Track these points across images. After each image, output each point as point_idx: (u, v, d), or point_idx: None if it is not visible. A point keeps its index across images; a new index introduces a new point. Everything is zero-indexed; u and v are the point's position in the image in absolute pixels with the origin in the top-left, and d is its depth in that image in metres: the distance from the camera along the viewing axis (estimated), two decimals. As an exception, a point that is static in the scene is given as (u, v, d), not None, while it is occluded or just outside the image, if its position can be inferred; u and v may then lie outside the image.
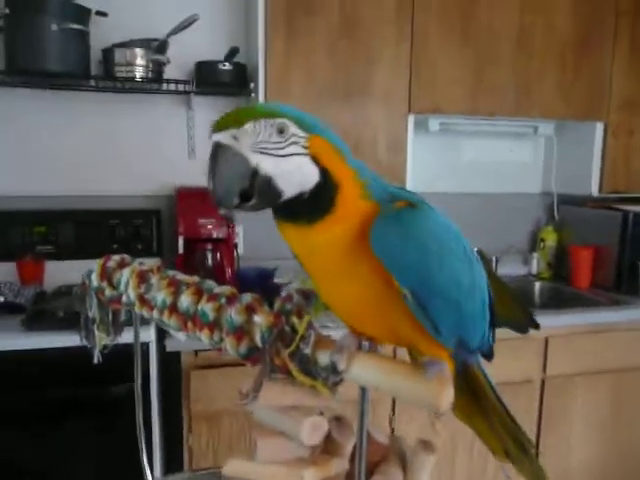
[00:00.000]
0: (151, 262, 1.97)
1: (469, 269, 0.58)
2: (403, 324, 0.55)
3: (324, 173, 0.55)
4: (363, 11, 1.90)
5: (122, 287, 0.76)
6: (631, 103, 2.20)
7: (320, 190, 0.55)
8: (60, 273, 1.91)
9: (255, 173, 0.53)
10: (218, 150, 0.53)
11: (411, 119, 1.99)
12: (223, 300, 0.64)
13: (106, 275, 0.82)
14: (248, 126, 0.54)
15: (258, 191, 0.53)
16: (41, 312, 1.57)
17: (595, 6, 2.12)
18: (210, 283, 0.69)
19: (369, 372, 0.52)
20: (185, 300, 0.67)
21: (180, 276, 0.72)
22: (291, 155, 0.54)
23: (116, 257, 0.83)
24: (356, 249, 0.55)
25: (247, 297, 0.63)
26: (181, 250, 1.94)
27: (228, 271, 2.01)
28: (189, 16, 1.81)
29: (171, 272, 0.74)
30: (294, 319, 0.57)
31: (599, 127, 2.21)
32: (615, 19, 2.15)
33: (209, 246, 1.98)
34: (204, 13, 1.95)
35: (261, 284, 2.02)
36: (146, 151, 2.07)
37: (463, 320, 0.57)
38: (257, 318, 0.59)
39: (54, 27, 1.70)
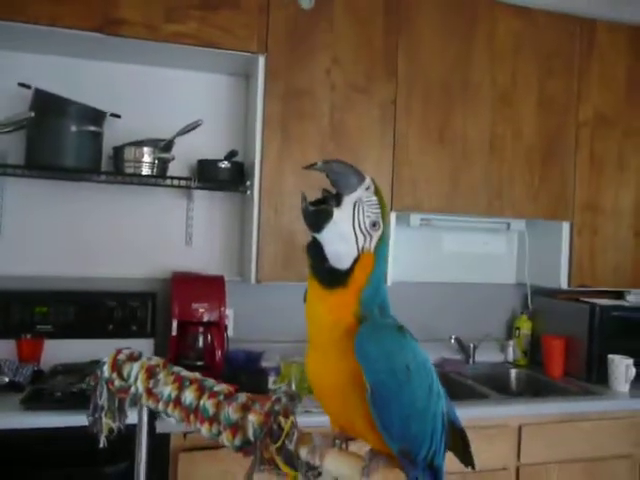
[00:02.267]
0: (144, 343, 2.08)
1: (427, 398, 0.69)
2: (360, 415, 0.67)
3: (352, 268, 0.67)
4: (350, 118, 2.13)
5: (132, 380, 0.88)
6: (593, 206, 2.41)
7: (344, 272, 0.67)
8: (57, 351, 2.00)
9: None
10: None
11: (393, 216, 2.18)
12: (222, 397, 0.75)
13: (116, 367, 0.94)
14: (359, 195, 0.66)
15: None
16: (39, 392, 1.65)
17: (558, 118, 2.37)
18: (210, 381, 0.80)
19: (339, 467, 0.64)
20: (189, 396, 0.78)
21: (184, 373, 0.83)
22: (356, 242, 0.66)
23: (126, 351, 0.95)
24: (343, 334, 0.66)
25: (242, 397, 0.75)
26: (174, 332, 2.04)
27: (218, 353, 2.10)
28: (194, 121, 2.02)
29: (176, 368, 0.86)
30: (281, 419, 0.69)
31: (565, 226, 2.40)
32: (576, 130, 2.40)
33: (201, 329, 2.09)
34: (207, 116, 2.17)
35: (248, 367, 2.11)
36: (146, 237, 2.22)
37: (408, 433, 0.67)
38: (251, 417, 0.70)
39: (73, 128, 1.90)
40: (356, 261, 0.66)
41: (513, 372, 2.54)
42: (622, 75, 2.44)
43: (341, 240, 0.65)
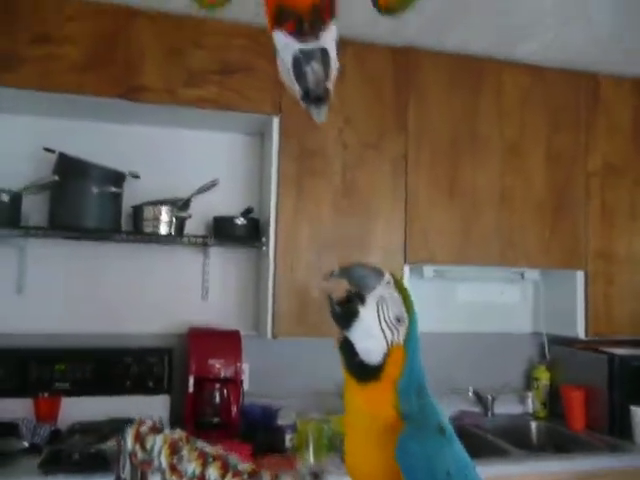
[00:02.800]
0: (161, 400, 2.08)
1: None
2: None
3: (384, 362, 0.69)
4: (362, 175, 2.18)
5: (155, 454, 0.89)
6: (607, 254, 2.42)
7: (376, 366, 0.69)
8: (75, 409, 2.01)
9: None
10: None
11: (407, 268, 2.20)
12: (245, 477, 0.76)
13: (139, 438, 0.95)
14: (380, 292, 0.69)
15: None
16: (57, 454, 1.66)
17: (567, 169, 2.41)
18: (234, 458, 0.81)
19: None
20: (213, 473, 0.79)
21: (207, 448, 0.84)
22: (384, 337, 0.68)
23: (149, 422, 0.96)
24: (382, 428, 0.67)
25: (266, 476, 0.76)
26: (191, 389, 2.05)
27: (234, 409, 2.10)
28: (211, 180, 2.08)
29: (199, 443, 0.87)
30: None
31: (580, 275, 2.40)
32: (586, 180, 2.43)
33: (217, 385, 2.09)
34: (223, 174, 2.25)
35: (265, 423, 2.10)
36: (164, 293, 2.25)
37: None
38: (275, 497, 0.71)
39: (94, 190, 1.96)
40: (387, 355, 0.68)
41: (533, 425, 2.49)
42: (628, 125, 2.49)
43: (369, 336, 0.68)
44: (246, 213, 2.15)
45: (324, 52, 0.64)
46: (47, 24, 1.93)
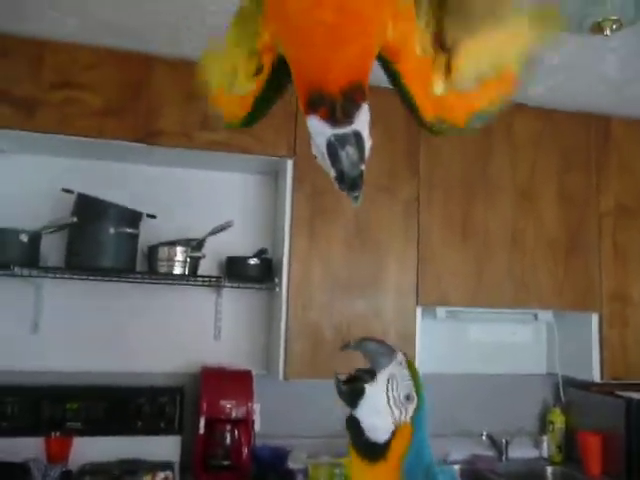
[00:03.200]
0: (172, 440, 2.07)
1: None
2: None
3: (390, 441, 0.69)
4: (374, 216, 2.20)
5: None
6: (622, 296, 2.40)
7: (383, 444, 0.68)
8: (86, 450, 2.00)
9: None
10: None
11: (419, 310, 2.19)
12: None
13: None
14: (392, 371, 0.70)
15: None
16: (68, 498, 1.65)
17: (579, 210, 2.41)
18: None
19: None
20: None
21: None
22: (392, 415, 0.68)
23: (161, 474, 0.96)
24: None
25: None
26: (202, 430, 2.04)
27: (245, 450, 2.08)
28: (226, 222, 2.11)
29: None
30: None
31: (594, 317, 2.38)
32: (598, 220, 2.43)
33: (228, 426, 2.09)
34: (237, 214, 2.28)
35: (275, 465, 2.08)
36: (176, 332, 2.26)
37: None
38: None
39: (112, 231, 2.00)
40: (394, 433, 0.68)
41: (549, 470, 2.44)
42: (639, 165, 2.50)
43: (377, 414, 0.68)
44: (259, 254, 2.17)
45: (358, 136, 0.65)
46: (68, 71, 2.00)
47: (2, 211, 2.10)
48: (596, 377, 2.37)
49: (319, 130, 0.65)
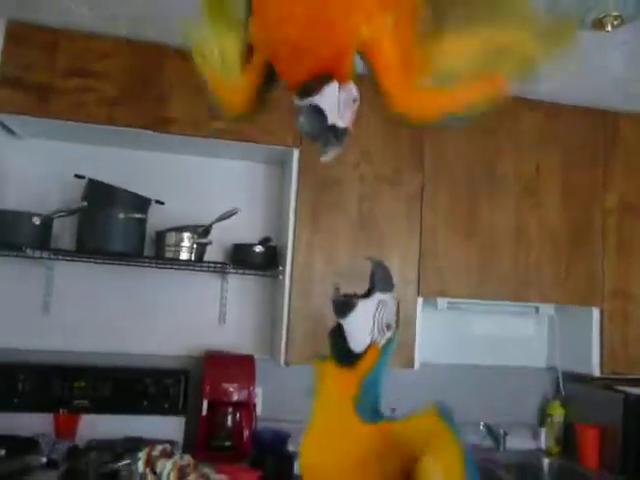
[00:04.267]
0: (176, 421, 2.13)
1: None
2: None
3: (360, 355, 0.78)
4: (378, 209, 2.23)
5: (163, 477, 0.94)
6: (623, 292, 2.41)
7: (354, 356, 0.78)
8: (92, 427, 2.07)
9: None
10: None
11: (420, 301, 2.23)
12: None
13: (150, 462, 1.00)
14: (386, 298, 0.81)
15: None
16: (73, 471, 1.72)
17: (584, 206, 2.43)
18: (236, 486, 0.86)
19: None
20: (215, 500, 0.84)
21: (213, 475, 0.90)
22: (371, 333, 0.78)
23: (159, 447, 1.02)
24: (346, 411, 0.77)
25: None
26: (204, 412, 2.10)
27: (246, 432, 2.14)
28: (231, 209, 2.15)
29: (206, 469, 0.92)
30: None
31: (595, 312, 2.40)
32: (602, 217, 2.44)
33: (230, 409, 2.14)
34: (243, 202, 2.32)
35: (275, 449, 2.13)
36: (182, 316, 2.33)
37: None
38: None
39: (121, 216, 2.06)
40: (367, 348, 0.78)
41: (546, 461, 2.47)
42: (646, 163, 2.50)
43: (360, 327, 0.77)
44: (264, 242, 2.22)
45: (314, 108, 0.76)
46: (82, 59, 2.05)
47: (16, 194, 2.18)
48: (596, 371, 2.39)
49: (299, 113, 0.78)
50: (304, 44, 0.76)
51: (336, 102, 0.78)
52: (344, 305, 0.77)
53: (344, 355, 0.78)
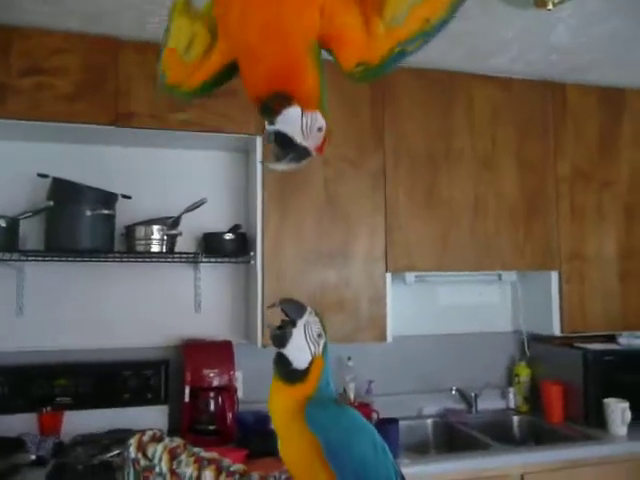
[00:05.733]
0: (159, 410, 2.16)
1: (374, 450, 0.87)
2: None
3: (308, 369, 0.88)
4: (343, 189, 2.29)
5: (156, 460, 0.99)
6: (578, 255, 2.55)
7: (302, 372, 0.88)
8: (76, 423, 2.10)
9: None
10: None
11: (389, 276, 2.31)
12: (237, 477, 0.87)
13: (141, 447, 1.05)
14: (307, 318, 0.90)
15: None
16: (62, 466, 1.75)
17: (537, 176, 2.54)
18: (226, 461, 0.92)
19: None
20: (208, 475, 0.90)
21: (203, 453, 0.95)
22: (309, 350, 0.88)
23: (150, 432, 1.07)
24: (299, 417, 0.85)
25: (255, 476, 0.87)
26: (187, 399, 2.15)
27: (229, 416, 2.20)
28: (199, 199, 2.19)
29: (195, 449, 0.98)
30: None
31: (554, 275, 2.53)
32: (555, 185, 2.56)
33: (212, 394, 2.20)
34: (211, 191, 2.35)
35: (258, 429, 2.20)
36: (158, 308, 2.36)
37: None
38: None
39: (88, 213, 2.06)
40: (311, 362, 0.89)
41: (515, 419, 2.61)
42: (594, 132, 2.62)
43: (300, 349, 0.88)
44: (233, 230, 2.26)
45: (277, 133, 0.81)
46: (36, 57, 2.03)
47: (-21, 198, 2.15)
48: (556, 331, 2.53)
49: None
50: (261, 51, 0.80)
51: (299, 126, 0.81)
52: (281, 338, 0.89)
53: (292, 375, 0.88)
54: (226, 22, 0.86)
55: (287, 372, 0.88)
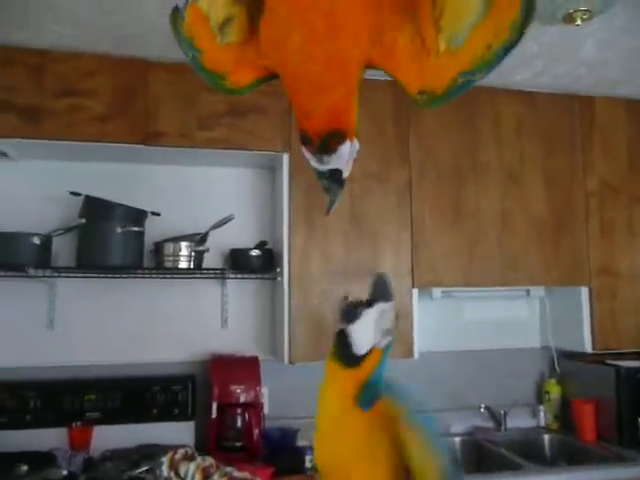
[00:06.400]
0: (185, 426, 2.18)
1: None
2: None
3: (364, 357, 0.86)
4: (368, 205, 2.29)
5: (188, 479, 1.00)
6: (609, 270, 2.50)
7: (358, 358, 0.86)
8: (105, 438, 2.12)
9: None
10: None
11: (415, 292, 2.30)
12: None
13: (174, 466, 1.06)
14: (386, 307, 0.89)
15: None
16: (93, 481, 1.77)
17: (566, 190, 2.51)
18: (259, 481, 0.92)
19: None
20: (241, 495, 0.90)
21: (235, 473, 0.96)
22: (373, 338, 0.87)
23: (182, 450, 1.08)
24: (351, 405, 0.85)
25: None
26: (214, 414, 2.16)
27: (256, 432, 2.20)
28: (227, 216, 2.21)
29: (228, 468, 0.98)
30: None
31: (584, 291, 2.49)
32: (584, 199, 2.53)
33: (239, 410, 2.20)
34: (238, 208, 2.38)
35: (284, 445, 2.20)
36: (185, 323, 2.38)
37: None
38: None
39: (118, 230, 2.10)
40: (370, 351, 0.87)
41: (546, 438, 2.56)
42: (623, 146, 2.58)
43: (364, 334, 0.86)
44: (260, 246, 2.28)
45: (332, 171, 0.83)
46: (69, 79, 2.08)
47: (14, 216, 2.21)
48: (588, 348, 2.48)
49: (308, 158, 0.84)
50: (323, 82, 0.78)
51: (346, 160, 0.84)
52: (352, 314, 0.86)
53: (348, 357, 0.86)
54: (278, 47, 0.81)
55: (344, 354, 0.86)
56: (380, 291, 0.89)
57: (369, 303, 0.88)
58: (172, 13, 0.86)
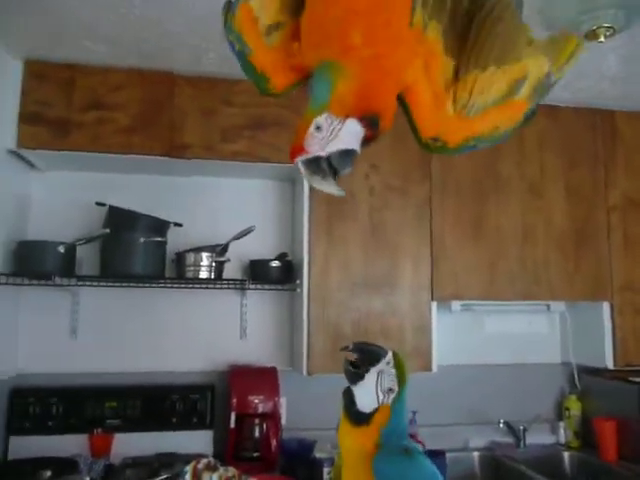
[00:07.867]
0: (204, 435, 2.19)
1: None
2: None
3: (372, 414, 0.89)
4: (388, 218, 2.30)
5: (212, 489, 1.01)
6: (631, 286, 2.47)
7: (366, 416, 0.89)
8: (126, 445, 2.15)
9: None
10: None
11: (434, 305, 2.30)
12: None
13: (197, 475, 1.08)
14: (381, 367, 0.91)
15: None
16: (113, 488, 1.79)
17: (587, 204, 2.49)
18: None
19: None
20: (264, 506, 0.91)
21: (258, 484, 0.97)
22: (377, 397, 0.90)
23: (204, 460, 1.09)
24: (366, 459, 0.88)
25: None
26: (233, 424, 2.17)
27: (273, 442, 2.21)
28: (248, 227, 2.23)
29: (251, 479, 0.99)
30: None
31: (606, 306, 2.46)
32: (606, 214, 2.50)
33: (257, 420, 2.21)
34: (258, 219, 2.40)
35: (302, 456, 2.20)
36: (204, 333, 2.40)
37: None
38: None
39: (142, 240, 2.14)
40: (376, 410, 0.91)
41: (566, 455, 2.52)
42: (646, 159, 2.56)
43: (367, 394, 0.90)
44: (280, 258, 2.30)
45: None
46: (97, 92, 2.14)
47: (41, 225, 2.26)
48: (609, 364, 2.44)
49: (355, 131, 0.81)
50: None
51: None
52: (353, 376, 0.91)
53: (357, 416, 0.90)
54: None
55: (352, 411, 0.90)
56: (366, 357, 0.91)
57: (370, 362, 0.91)
58: (225, 6, 0.88)
